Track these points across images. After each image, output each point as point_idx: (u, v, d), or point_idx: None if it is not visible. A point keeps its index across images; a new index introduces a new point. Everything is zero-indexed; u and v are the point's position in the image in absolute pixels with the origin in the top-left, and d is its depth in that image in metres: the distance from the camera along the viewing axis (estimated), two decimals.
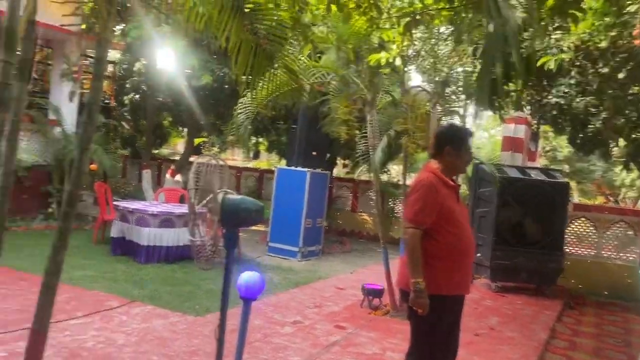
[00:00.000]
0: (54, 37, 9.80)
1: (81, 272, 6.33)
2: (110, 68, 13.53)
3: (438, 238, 2.91)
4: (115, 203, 8.22)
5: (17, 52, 2.02)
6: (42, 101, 10.18)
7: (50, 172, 9.81)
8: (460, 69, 6.20)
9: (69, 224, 2.08)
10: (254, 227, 7.38)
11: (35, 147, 9.70)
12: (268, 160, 16.64)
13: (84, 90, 10.91)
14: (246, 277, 3.15)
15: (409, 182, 6.64)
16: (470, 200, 8.16)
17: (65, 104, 10.04)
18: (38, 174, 9.47)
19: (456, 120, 6.74)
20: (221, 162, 3.01)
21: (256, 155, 16.48)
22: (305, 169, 8.90)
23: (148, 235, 7.29)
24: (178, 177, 11.03)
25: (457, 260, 2.96)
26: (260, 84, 5.33)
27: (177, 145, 16.83)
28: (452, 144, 3.06)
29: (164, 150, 15.62)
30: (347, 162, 12.52)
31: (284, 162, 12.33)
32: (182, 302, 5.65)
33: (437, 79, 5.97)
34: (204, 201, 2.91)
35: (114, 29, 12.39)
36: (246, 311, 3.23)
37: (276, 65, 4.43)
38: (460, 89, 6.28)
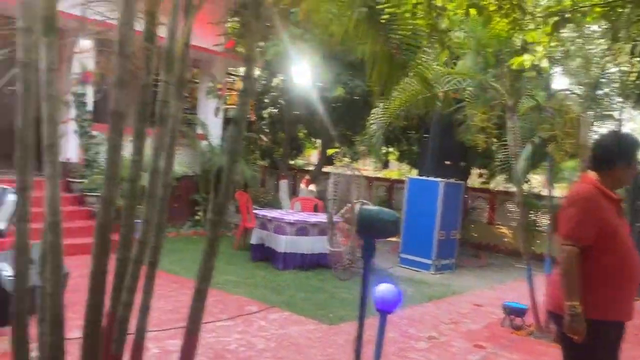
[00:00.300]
0: (200, 57, 10.63)
1: (225, 277, 6.72)
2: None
3: (598, 257, 2.61)
4: (255, 211, 8.66)
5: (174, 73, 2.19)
6: (190, 117, 11.08)
7: (197, 182, 10.61)
8: (614, 69, 5.61)
9: (218, 232, 2.20)
10: None
11: (185, 159, 10.57)
12: (398, 170, 16.50)
13: (228, 106, 11.69)
14: (383, 289, 3.11)
15: (553, 193, 6.15)
16: (628, 213, 7.35)
17: (210, 119, 10.85)
18: (187, 183, 10.28)
19: (611, 125, 6.11)
20: (357, 173, 3.00)
21: (385, 165, 16.43)
22: (438, 179, 8.65)
23: (285, 243, 7.56)
24: (312, 187, 11.33)
25: (620, 282, 2.64)
26: (394, 94, 5.29)
27: (311, 156, 17.35)
28: (624, 157, 2.73)
29: (299, 161, 16.18)
30: (482, 171, 11.97)
31: (414, 171, 12.14)
32: (317, 309, 5.75)
33: (587, 80, 5.47)
34: (342, 211, 2.92)
35: (259, 47, 13.14)
36: (382, 323, 3.19)
37: (410, 74, 4.36)
38: (615, 90, 5.69)
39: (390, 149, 13.47)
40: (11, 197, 6.13)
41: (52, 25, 2.07)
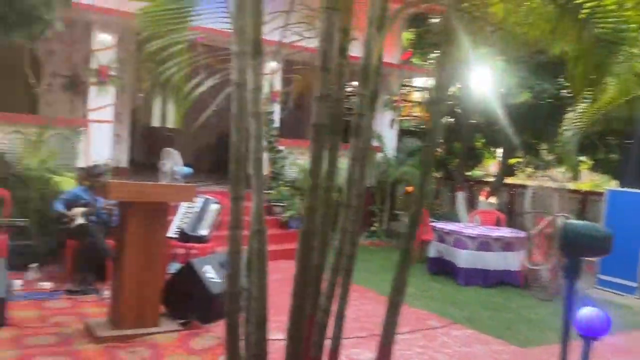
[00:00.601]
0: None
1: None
2: (421, 94, 14.25)
3: None
4: (431, 224, 8.49)
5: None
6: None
7: (373, 193, 10.78)
8: None
9: (412, 244, 2.17)
10: None
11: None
12: (591, 181, 14.90)
13: (402, 118, 11.72)
14: (587, 313, 2.80)
15: None
16: None
17: (386, 131, 10.97)
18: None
19: None
20: (559, 185, 2.75)
21: (575, 176, 14.97)
22: None
23: (465, 257, 7.28)
24: (492, 199, 10.78)
25: None
26: (593, 95, 4.78)
27: (490, 166, 16.55)
28: None
29: (477, 172, 15.53)
30: None
31: (613, 182, 10.85)
32: (503, 329, 5.41)
33: None
34: (539, 226, 2.70)
35: (431, 57, 13.01)
36: (586, 350, 2.86)
37: (616, 72, 3.90)
38: None
39: (582, 158, 12.22)
40: (213, 207, 6.87)
41: (259, 48, 2.25)
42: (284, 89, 9.14)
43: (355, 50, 2.32)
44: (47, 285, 5.75)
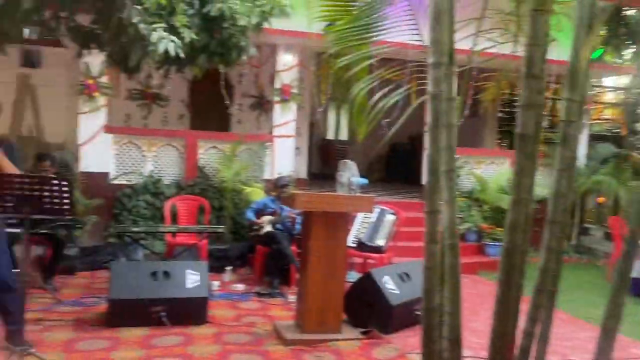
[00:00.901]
0: (562, 72, 10.00)
1: (598, 311, 6.00)
2: (614, 95, 12.79)
3: None
4: None
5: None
6: (552, 135, 10.47)
7: None
8: None
9: (630, 263, 1.93)
10: None
11: (546, 181, 10.01)
12: None
13: (593, 121, 10.63)
14: None
15: None
16: None
17: None
18: (546, 206, 9.71)
19: None
20: None
21: None
22: None
23: None
24: None
25: None
26: None
27: None
28: None
29: None
30: None
31: None
32: None
33: None
34: None
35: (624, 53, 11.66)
36: None
37: None
38: None
39: None
40: (389, 218, 6.91)
41: (452, 58, 2.20)
42: (459, 96, 8.89)
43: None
44: (239, 287, 6.26)
